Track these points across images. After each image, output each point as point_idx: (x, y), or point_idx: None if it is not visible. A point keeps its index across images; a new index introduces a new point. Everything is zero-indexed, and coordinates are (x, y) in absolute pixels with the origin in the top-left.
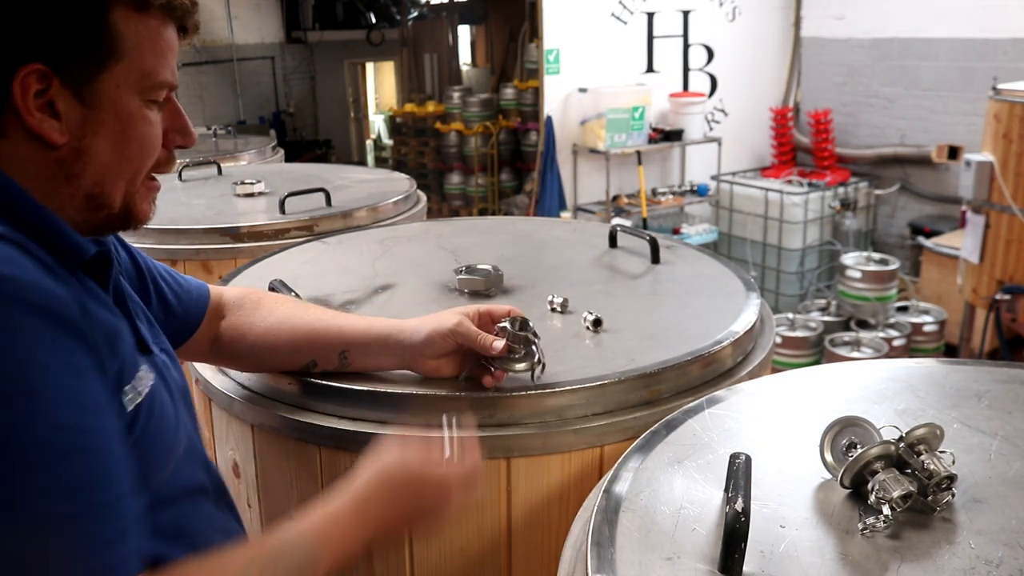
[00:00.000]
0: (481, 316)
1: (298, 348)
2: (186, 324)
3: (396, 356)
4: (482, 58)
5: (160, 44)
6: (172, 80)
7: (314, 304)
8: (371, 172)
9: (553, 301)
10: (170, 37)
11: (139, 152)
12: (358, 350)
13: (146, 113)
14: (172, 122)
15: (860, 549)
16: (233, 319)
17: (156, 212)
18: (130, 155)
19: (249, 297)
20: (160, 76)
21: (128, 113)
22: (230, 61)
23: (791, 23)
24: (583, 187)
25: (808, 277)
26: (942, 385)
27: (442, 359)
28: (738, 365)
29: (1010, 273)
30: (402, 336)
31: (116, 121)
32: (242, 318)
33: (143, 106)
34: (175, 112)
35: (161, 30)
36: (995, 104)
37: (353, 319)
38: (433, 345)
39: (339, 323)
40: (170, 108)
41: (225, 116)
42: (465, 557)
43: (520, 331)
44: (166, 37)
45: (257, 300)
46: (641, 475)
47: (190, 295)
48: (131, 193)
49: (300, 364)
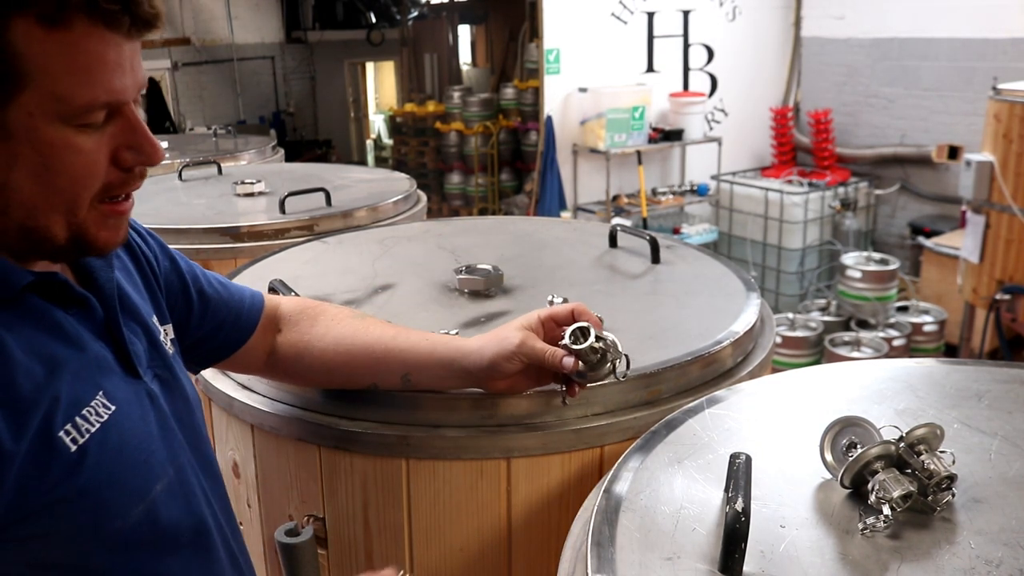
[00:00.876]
0: (545, 324)
1: (357, 371)
2: (236, 333)
3: (461, 379)
4: (482, 58)
5: (81, 60)
6: (109, 97)
7: (374, 320)
8: (371, 172)
9: (553, 301)
10: (99, 49)
11: (68, 183)
12: (420, 373)
13: (74, 140)
14: (124, 139)
15: (860, 549)
16: (290, 335)
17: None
18: (59, 187)
19: (306, 312)
20: (85, 97)
21: (48, 143)
22: (230, 61)
23: (791, 23)
24: (583, 187)
25: (808, 277)
26: (942, 385)
27: (514, 377)
28: (738, 365)
29: (1010, 273)
30: (467, 362)
31: (34, 153)
32: (299, 335)
33: (70, 132)
34: (128, 128)
35: (82, 44)
36: (995, 104)
37: (414, 339)
38: (499, 369)
39: (399, 345)
40: (121, 124)
41: (225, 116)
42: (465, 557)
43: (584, 343)
44: (92, 50)
45: (314, 316)
46: (641, 475)
47: (242, 304)
48: (77, 223)
49: (361, 385)
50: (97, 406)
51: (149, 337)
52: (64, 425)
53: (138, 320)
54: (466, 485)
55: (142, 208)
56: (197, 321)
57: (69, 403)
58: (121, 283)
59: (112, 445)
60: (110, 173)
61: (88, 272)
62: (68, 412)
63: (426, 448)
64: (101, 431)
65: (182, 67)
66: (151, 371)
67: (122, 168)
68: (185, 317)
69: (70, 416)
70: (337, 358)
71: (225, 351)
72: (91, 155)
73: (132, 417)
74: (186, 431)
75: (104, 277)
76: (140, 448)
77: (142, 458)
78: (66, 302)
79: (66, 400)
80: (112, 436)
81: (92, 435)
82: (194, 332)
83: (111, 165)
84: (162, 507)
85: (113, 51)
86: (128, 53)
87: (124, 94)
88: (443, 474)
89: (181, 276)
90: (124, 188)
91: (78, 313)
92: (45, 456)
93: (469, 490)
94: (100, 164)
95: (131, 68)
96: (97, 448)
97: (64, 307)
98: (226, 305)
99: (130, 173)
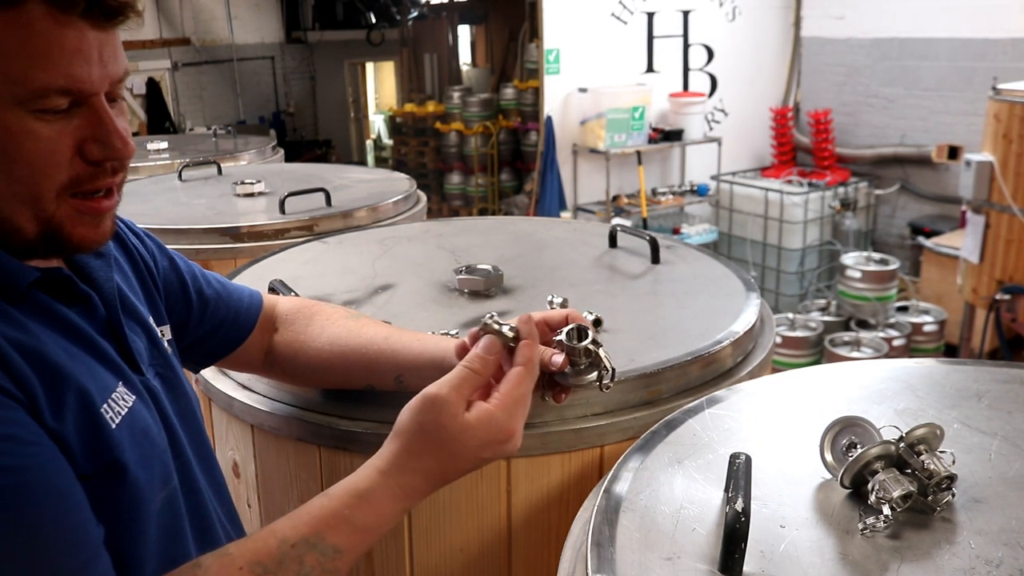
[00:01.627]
0: (538, 327)
1: (352, 372)
2: (235, 333)
3: None
4: (482, 58)
5: (36, 43)
6: (68, 83)
7: (368, 320)
8: (371, 172)
9: (553, 301)
10: (56, 32)
11: (28, 172)
12: (413, 374)
13: (32, 126)
14: (91, 131)
15: (860, 549)
16: (286, 335)
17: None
18: (18, 177)
19: (302, 312)
20: (40, 81)
21: (4, 128)
22: (230, 61)
23: (791, 23)
24: (583, 187)
25: (808, 277)
26: (942, 385)
27: None
28: (738, 365)
29: (1010, 273)
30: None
31: None
32: (294, 335)
33: (28, 118)
34: (95, 120)
35: (37, 26)
36: (995, 104)
37: (407, 340)
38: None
39: (392, 346)
40: (88, 116)
41: (225, 116)
42: (465, 557)
43: (579, 343)
44: (48, 33)
45: (310, 316)
46: (641, 475)
47: (240, 303)
48: (47, 218)
49: (357, 386)
50: (123, 393)
51: (149, 336)
52: (102, 405)
53: (138, 319)
54: (466, 485)
55: (142, 208)
56: (196, 321)
57: (99, 387)
58: (119, 283)
59: (139, 430)
60: (76, 165)
61: (87, 272)
62: (102, 394)
63: None
64: (129, 415)
65: (182, 67)
66: (153, 368)
67: (89, 161)
68: (184, 317)
69: (104, 398)
70: (331, 359)
71: (223, 350)
72: (50, 143)
73: (144, 411)
74: (189, 429)
75: (103, 277)
76: (159, 438)
77: (161, 447)
78: (71, 299)
79: (95, 385)
80: (138, 422)
81: (123, 417)
82: (193, 331)
83: (77, 157)
84: (178, 499)
85: (73, 36)
86: (94, 42)
87: (87, 83)
88: None
89: (180, 276)
90: (94, 183)
91: (81, 311)
92: (92, 428)
93: (469, 490)
94: (62, 154)
95: (99, 59)
96: (128, 430)
97: (69, 304)
98: (225, 305)
99: (100, 168)
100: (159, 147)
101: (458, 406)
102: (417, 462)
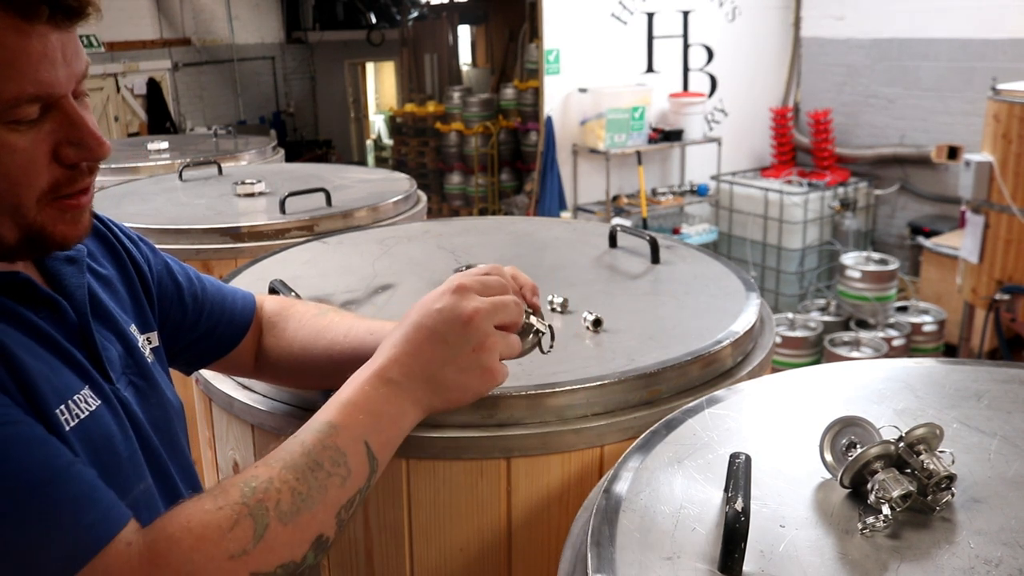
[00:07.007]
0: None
1: (328, 374)
2: (229, 336)
3: None
4: (482, 58)
5: (2, 54)
6: (38, 90)
7: (334, 316)
8: (371, 172)
9: (553, 301)
10: (20, 41)
11: (7, 185)
12: None
13: (7, 139)
14: (64, 134)
15: (860, 549)
16: (269, 338)
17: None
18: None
19: (281, 315)
20: (10, 92)
21: None
22: (230, 61)
23: (791, 23)
24: (583, 187)
25: (808, 277)
26: (942, 385)
27: None
28: (738, 365)
29: (1009, 273)
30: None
31: None
32: (275, 339)
33: (2, 131)
34: (67, 123)
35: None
36: (994, 104)
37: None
38: None
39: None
40: (59, 119)
41: (225, 116)
42: (465, 557)
43: None
44: (12, 43)
45: (287, 319)
46: (641, 475)
47: (234, 306)
48: (28, 224)
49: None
50: (85, 396)
51: (125, 344)
52: (58, 405)
53: (112, 327)
54: (466, 485)
55: (142, 208)
56: (191, 324)
57: (59, 387)
58: (95, 289)
59: (98, 436)
60: (54, 171)
61: (58, 278)
62: (61, 394)
63: (426, 448)
64: (90, 419)
65: (182, 67)
66: (126, 377)
67: (65, 165)
68: (179, 320)
69: (62, 399)
70: (305, 362)
71: (216, 353)
72: (27, 154)
73: (109, 417)
74: (163, 439)
75: (75, 283)
76: (121, 446)
77: (125, 455)
78: (35, 303)
79: (56, 384)
80: (99, 428)
81: (81, 421)
82: (187, 335)
83: (53, 163)
84: (143, 510)
85: (37, 42)
86: (57, 44)
87: (56, 86)
88: (443, 474)
89: (175, 280)
90: (73, 186)
91: (48, 316)
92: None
93: (469, 490)
94: (39, 163)
95: (64, 59)
96: (85, 435)
97: (34, 309)
98: (220, 308)
99: (77, 170)
100: (159, 147)
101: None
102: (391, 352)
